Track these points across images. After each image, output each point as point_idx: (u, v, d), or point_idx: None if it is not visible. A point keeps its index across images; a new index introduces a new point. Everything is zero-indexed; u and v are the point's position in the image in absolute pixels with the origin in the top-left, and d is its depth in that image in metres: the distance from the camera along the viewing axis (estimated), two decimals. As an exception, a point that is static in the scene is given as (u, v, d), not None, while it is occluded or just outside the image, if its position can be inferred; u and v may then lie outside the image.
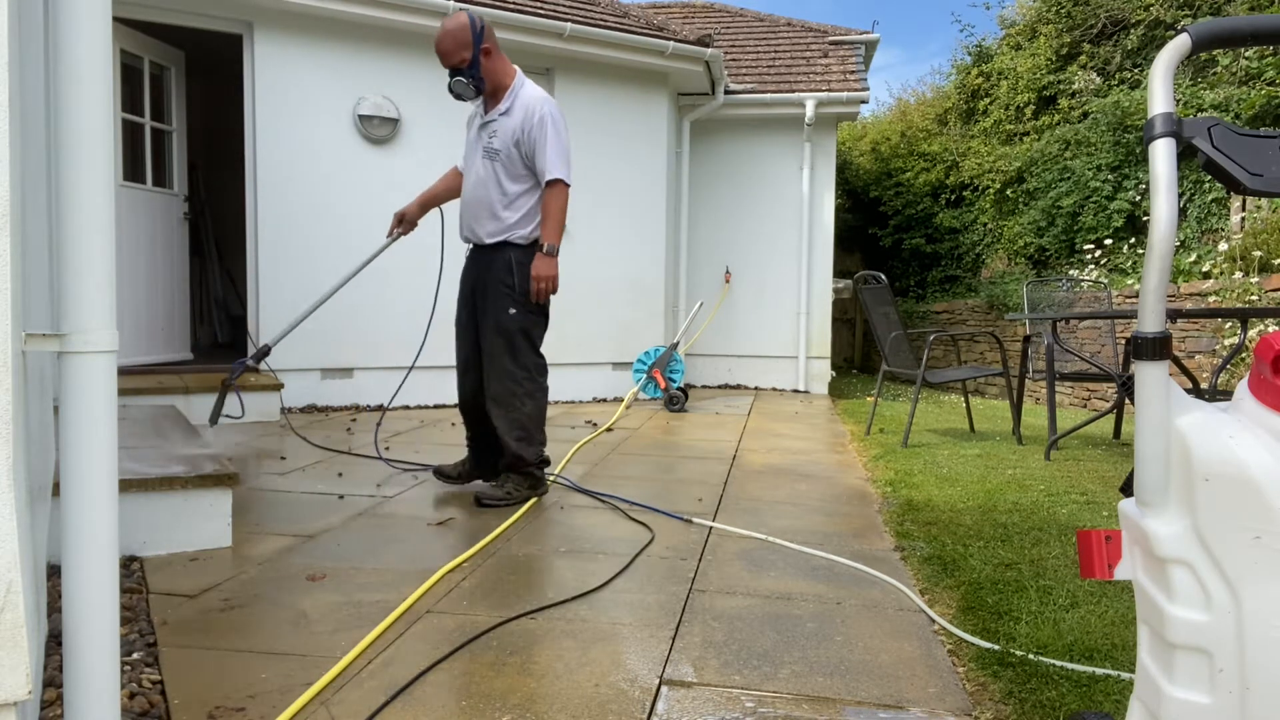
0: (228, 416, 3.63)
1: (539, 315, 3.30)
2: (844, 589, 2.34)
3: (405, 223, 3.68)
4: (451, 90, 3.19)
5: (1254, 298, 5.83)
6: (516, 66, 3.29)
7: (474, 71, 3.12)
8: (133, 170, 5.60)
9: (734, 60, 8.82)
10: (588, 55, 6.70)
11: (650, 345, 7.11)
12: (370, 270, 6.11)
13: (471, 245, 3.39)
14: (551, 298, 3.30)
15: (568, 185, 3.18)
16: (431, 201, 3.67)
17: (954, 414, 6.62)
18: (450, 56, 3.10)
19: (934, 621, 2.10)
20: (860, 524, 3.07)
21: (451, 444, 4.64)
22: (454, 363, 3.48)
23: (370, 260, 3.83)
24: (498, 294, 3.23)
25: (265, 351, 3.63)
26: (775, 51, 9.12)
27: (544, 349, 3.38)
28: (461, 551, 2.59)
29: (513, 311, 3.22)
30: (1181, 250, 7.34)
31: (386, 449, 4.42)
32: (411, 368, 4.52)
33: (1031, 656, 1.83)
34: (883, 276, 5.69)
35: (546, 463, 3.39)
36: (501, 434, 3.26)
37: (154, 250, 5.77)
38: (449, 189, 3.64)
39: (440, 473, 3.56)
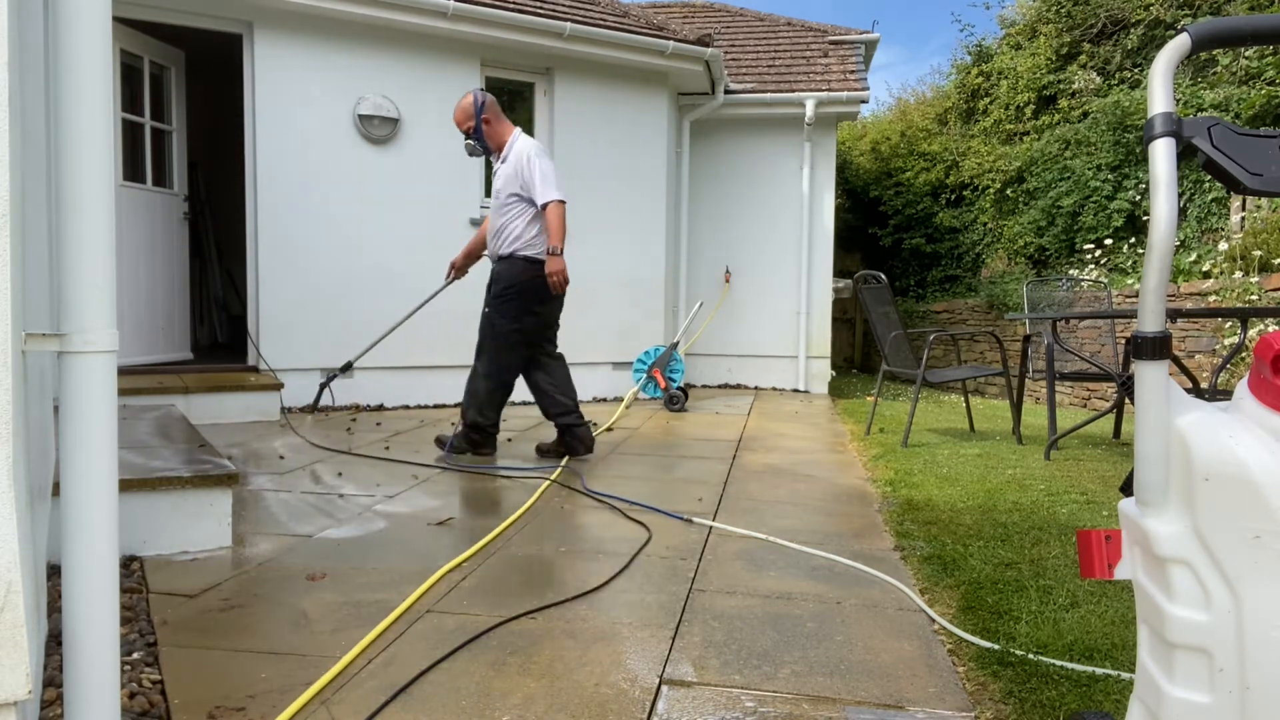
0: (323, 409, 5.45)
1: (520, 330, 4.06)
2: (844, 589, 2.34)
3: (457, 269, 4.62)
4: (465, 149, 4.20)
5: (1254, 297, 5.83)
6: (516, 127, 4.20)
7: (478, 136, 4.09)
8: (133, 170, 5.60)
9: (734, 60, 8.82)
10: (588, 55, 6.70)
11: (650, 345, 7.11)
12: (372, 273, 6.13)
13: (492, 261, 4.19)
14: (570, 289, 4.16)
15: (563, 202, 3.96)
16: (474, 251, 4.54)
17: (954, 414, 6.62)
18: (460, 125, 4.13)
19: (934, 621, 2.10)
20: (860, 524, 3.07)
21: (451, 444, 4.64)
22: (456, 364, 4.33)
23: (431, 299, 5.16)
24: (494, 301, 4.08)
25: (348, 366, 5.29)
26: (775, 51, 9.12)
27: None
28: (461, 551, 2.59)
29: (503, 319, 4.05)
30: (1181, 250, 7.34)
31: (387, 448, 4.42)
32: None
33: (1031, 656, 1.83)
34: (883, 276, 5.69)
35: (491, 434, 4.20)
36: (465, 399, 4.14)
37: (154, 250, 5.77)
38: (484, 239, 4.39)
39: (540, 451, 4.33)
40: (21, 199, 1.18)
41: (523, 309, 4.03)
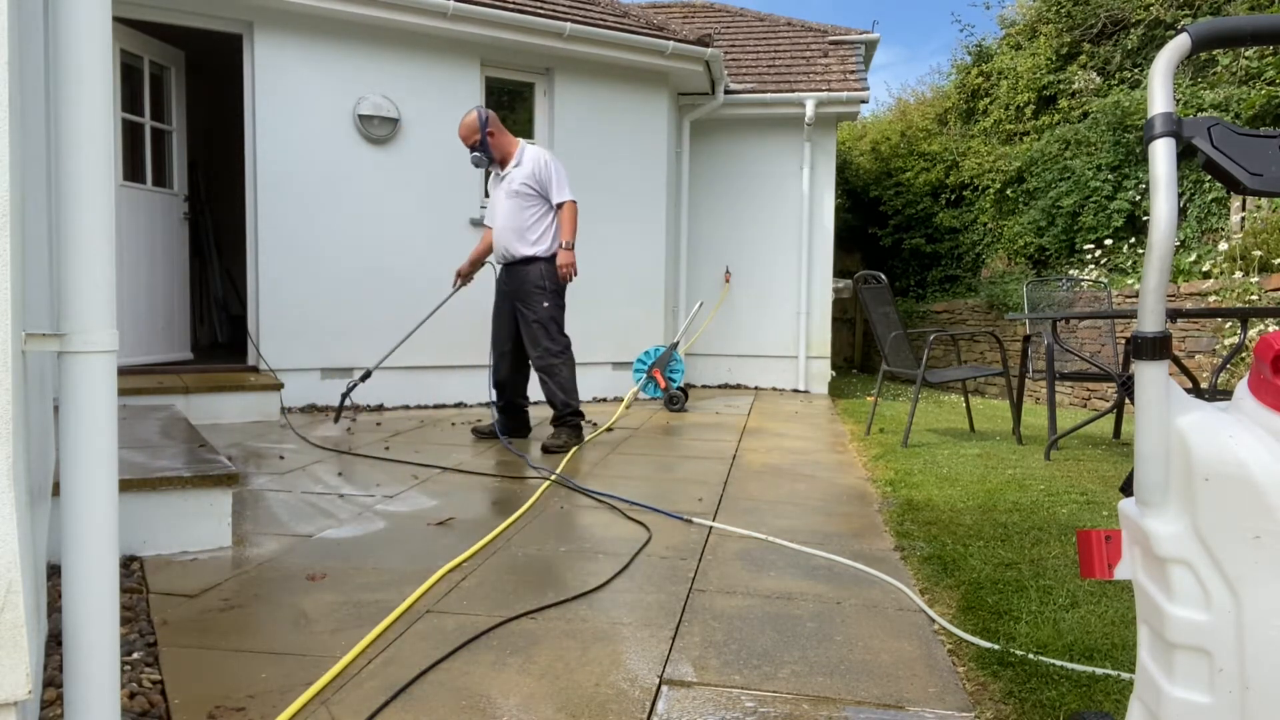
0: (349, 418, 5.44)
1: (562, 306, 4.55)
2: (844, 589, 2.34)
3: (463, 277, 4.97)
4: (472, 161, 4.56)
5: (1254, 297, 5.83)
6: (519, 139, 4.62)
7: (483, 149, 4.48)
8: (133, 170, 5.60)
9: (734, 60, 8.81)
10: (588, 55, 6.70)
11: (650, 345, 7.11)
12: (372, 273, 6.13)
13: (504, 265, 4.57)
14: (570, 290, 4.63)
15: (575, 202, 4.48)
16: (479, 258, 4.91)
17: (954, 414, 6.62)
18: (467, 140, 4.51)
19: (934, 621, 2.10)
20: (860, 524, 3.07)
21: (453, 443, 4.64)
22: (455, 364, 5.03)
23: (438, 308, 5.45)
24: (534, 294, 4.43)
25: (367, 374, 5.36)
26: (775, 51, 9.12)
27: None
28: (461, 551, 2.59)
29: (545, 305, 4.44)
30: (1181, 250, 7.34)
31: (386, 448, 4.42)
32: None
33: (1031, 656, 1.83)
34: (883, 276, 5.69)
35: (583, 415, 4.64)
36: (550, 394, 4.50)
37: (154, 250, 5.77)
38: (489, 246, 4.78)
39: (476, 431, 4.85)
40: (21, 199, 1.18)
41: (563, 298, 4.55)
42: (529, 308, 4.43)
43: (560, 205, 4.43)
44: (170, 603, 2.13)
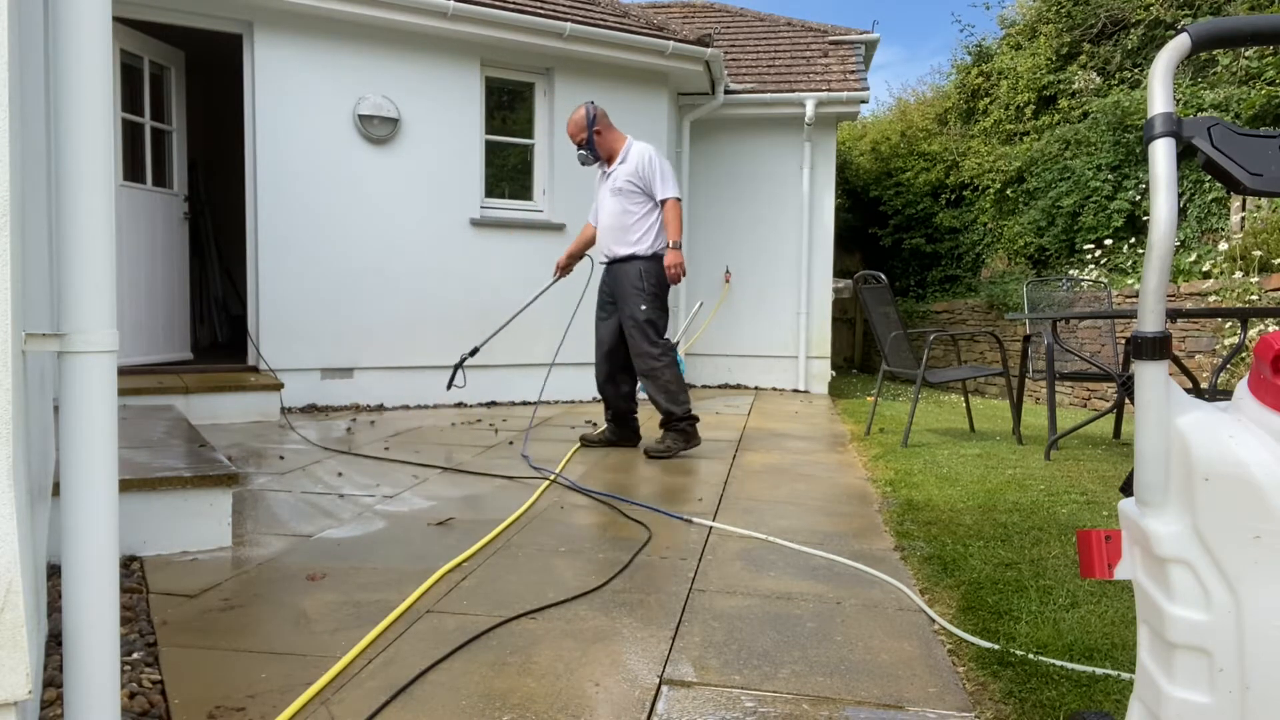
0: (458, 387, 5.11)
1: (662, 309, 4.40)
2: (844, 589, 2.34)
3: (562, 270, 4.77)
4: (579, 159, 4.47)
5: (1254, 297, 5.83)
6: (627, 135, 4.52)
7: (590, 147, 4.39)
8: (133, 170, 5.60)
9: (734, 60, 8.82)
10: (588, 55, 6.70)
11: (650, 345, 7.10)
12: (371, 272, 6.13)
13: (608, 262, 4.48)
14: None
15: (679, 199, 4.36)
16: (578, 252, 4.74)
17: (954, 414, 6.61)
18: (574, 137, 4.43)
19: (934, 621, 2.10)
20: (860, 524, 3.07)
21: (451, 443, 4.64)
22: (456, 364, 4.66)
23: (536, 298, 5.25)
24: (632, 295, 4.31)
25: (474, 350, 4.89)
26: (775, 51, 9.12)
27: (546, 349, 4.58)
28: (461, 551, 2.59)
29: (644, 308, 4.30)
30: (1181, 250, 7.34)
31: (386, 448, 4.42)
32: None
33: (1031, 656, 1.83)
34: (883, 276, 5.68)
35: (696, 419, 4.44)
36: (653, 398, 4.37)
37: (154, 250, 5.77)
38: (585, 241, 4.72)
39: (586, 440, 4.67)
40: (21, 199, 1.18)
41: (664, 300, 4.40)
42: (627, 308, 4.33)
43: (664, 202, 4.31)
44: (170, 603, 2.13)
